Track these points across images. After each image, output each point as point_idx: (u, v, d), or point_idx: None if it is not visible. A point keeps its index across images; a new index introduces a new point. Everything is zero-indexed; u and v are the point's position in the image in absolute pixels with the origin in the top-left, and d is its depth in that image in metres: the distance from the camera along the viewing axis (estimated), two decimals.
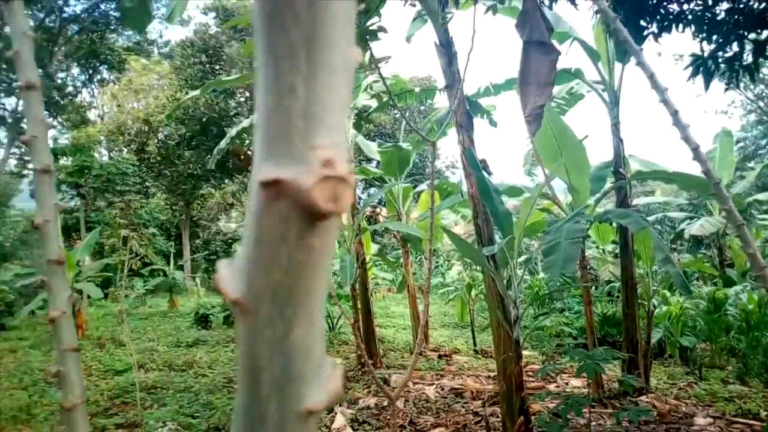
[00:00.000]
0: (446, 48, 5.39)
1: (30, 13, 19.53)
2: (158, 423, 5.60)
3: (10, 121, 19.94)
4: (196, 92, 9.40)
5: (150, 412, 6.00)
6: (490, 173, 5.75)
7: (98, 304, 14.41)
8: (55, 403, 6.33)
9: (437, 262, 17.04)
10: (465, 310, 11.25)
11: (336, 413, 5.85)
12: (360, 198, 14.32)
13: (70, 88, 21.77)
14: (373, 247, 12.55)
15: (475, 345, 9.49)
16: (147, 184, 21.74)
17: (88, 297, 11.62)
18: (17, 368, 8.09)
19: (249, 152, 20.35)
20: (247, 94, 20.17)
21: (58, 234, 1.33)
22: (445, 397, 6.56)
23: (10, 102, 20.35)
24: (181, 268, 17.42)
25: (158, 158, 20.65)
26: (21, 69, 1.33)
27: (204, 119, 18.91)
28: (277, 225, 0.31)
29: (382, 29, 5.00)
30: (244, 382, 0.33)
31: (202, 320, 11.29)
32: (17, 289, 12.52)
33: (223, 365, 8.15)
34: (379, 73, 4.98)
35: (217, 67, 19.55)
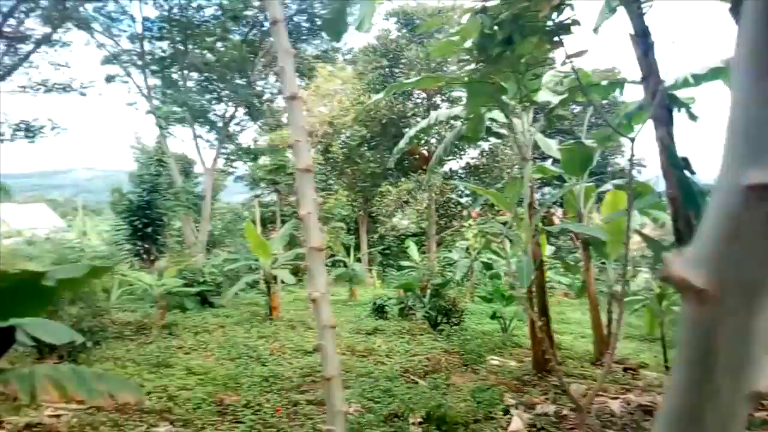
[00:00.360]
0: (642, 38, 5.03)
1: (237, 28, 22.16)
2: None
3: (220, 125, 22.86)
4: (380, 95, 9.81)
5: None
6: (693, 172, 5.24)
7: (289, 290, 15.94)
8: (257, 375, 7.13)
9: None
10: (654, 322, 10.32)
11: (513, 416, 5.78)
12: (536, 198, 13.88)
13: (267, 95, 24.30)
14: (549, 249, 12.11)
15: (665, 361, 8.68)
16: (330, 181, 23.47)
17: (282, 282, 12.89)
18: (225, 342, 9.20)
19: (424, 152, 20.78)
20: (424, 95, 20.70)
21: (317, 224, 1.51)
22: (632, 414, 6.10)
23: (220, 108, 23.33)
24: (359, 260, 18.49)
25: (341, 158, 22.14)
26: (285, 82, 1.54)
27: (384, 120, 19.85)
28: (759, 223, 0.34)
29: (576, 23, 4.81)
30: (694, 361, 0.36)
31: (379, 310, 11.86)
32: (224, 272, 14.34)
33: (400, 355, 8.45)
34: (573, 68, 4.80)
35: (397, 70, 20.34)
